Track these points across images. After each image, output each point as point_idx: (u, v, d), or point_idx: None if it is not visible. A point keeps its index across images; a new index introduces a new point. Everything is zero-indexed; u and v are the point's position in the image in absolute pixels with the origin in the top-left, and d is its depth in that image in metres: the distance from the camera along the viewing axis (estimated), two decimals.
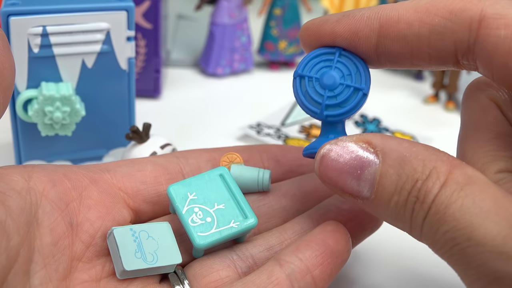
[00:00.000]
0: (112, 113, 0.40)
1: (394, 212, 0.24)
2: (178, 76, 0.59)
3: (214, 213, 0.27)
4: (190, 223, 0.27)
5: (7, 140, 0.44)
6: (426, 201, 0.23)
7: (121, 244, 0.26)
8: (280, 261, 0.26)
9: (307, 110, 0.28)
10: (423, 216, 0.23)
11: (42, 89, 0.36)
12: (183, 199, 0.27)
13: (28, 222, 0.25)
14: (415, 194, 0.23)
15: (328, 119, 0.27)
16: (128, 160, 0.30)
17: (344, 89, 0.27)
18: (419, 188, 0.23)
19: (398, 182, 0.24)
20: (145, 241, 0.27)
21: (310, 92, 0.27)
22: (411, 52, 0.26)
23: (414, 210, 0.23)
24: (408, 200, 0.23)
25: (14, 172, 0.26)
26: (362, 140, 0.25)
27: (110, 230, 0.26)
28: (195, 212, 0.27)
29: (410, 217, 0.24)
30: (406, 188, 0.24)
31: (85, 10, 0.36)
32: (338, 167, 0.25)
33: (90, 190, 0.27)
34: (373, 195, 0.24)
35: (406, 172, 0.24)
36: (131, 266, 0.26)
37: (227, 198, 0.28)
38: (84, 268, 0.26)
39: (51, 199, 0.26)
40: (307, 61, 0.28)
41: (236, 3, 0.58)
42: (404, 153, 0.24)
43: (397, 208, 0.24)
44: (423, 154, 0.24)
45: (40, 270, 0.24)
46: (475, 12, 0.24)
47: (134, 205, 0.29)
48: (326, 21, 0.27)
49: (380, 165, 0.24)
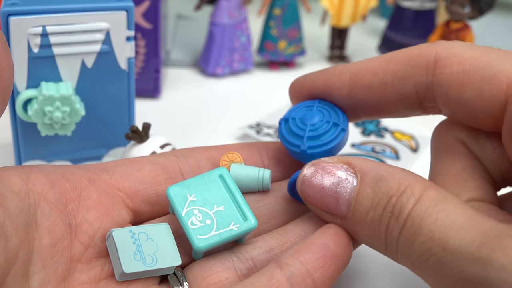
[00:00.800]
0: (111, 113, 0.40)
1: (370, 228, 0.26)
2: (177, 76, 0.59)
3: (213, 215, 0.27)
4: (190, 226, 0.27)
5: (7, 140, 0.44)
6: (401, 215, 0.24)
7: (120, 246, 0.26)
8: (280, 264, 0.26)
9: (290, 145, 0.30)
10: (399, 230, 0.24)
11: (42, 89, 0.37)
12: (182, 200, 0.27)
13: (27, 224, 0.24)
14: (390, 209, 0.25)
15: (309, 151, 0.29)
16: (127, 159, 0.30)
17: (324, 124, 0.30)
18: (393, 203, 0.25)
19: (374, 199, 0.25)
20: (144, 243, 0.27)
21: (293, 129, 0.30)
22: (378, 98, 0.29)
23: (389, 225, 0.25)
24: (383, 215, 0.25)
25: (13, 173, 0.26)
26: (342, 161, 0.27)
27: (109, 231, 0.26)
28: (194, 214, 0.27)
29: (385, 232, 0.25)
30: (381, 204, 0.25)
31: (84, 10, 0.36)
32: (319, 187, 0.27)
33: (89, 191, 0.27)
34: (351, 213, 0.26)
35: (381, 190, 0.25)
36: (130, 268, 0.26)
37: (227, 200, 0.28)
38: (83, 269, 0.26)
39: (49, 200, 0.26)
40: (291, 111, 0.31)
41: (235, 3, 0.58)
42: (381, 173, 0.26)
43: (373, 224, 0.25)
44: (399, 174, 0.26)
45: (39, 271, 0.24)
46: (430, 55, 0.27)
47: (133, 205, 0.29)
48: (307, 77, 0.31)
49: (358, 184, 0.26)
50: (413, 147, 0.48)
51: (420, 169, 0.45)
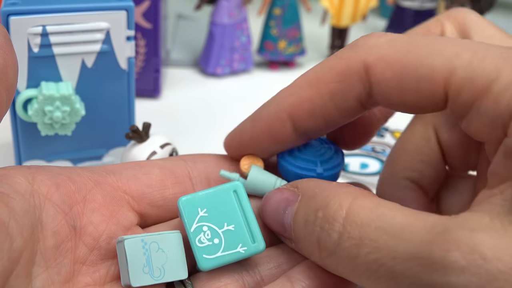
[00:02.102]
0: (112, 112, 0.40)
1: (306, 246, 0.25)
2: (178, 76, 0.59)
3: (222, 234, 0.27)
4: (197, 244, 0.27)
5: (7, 139, 0.44)
6: (332, 228, 0.23)
7: (130, 258, 0.26)
8: (291, 279, 0.26)
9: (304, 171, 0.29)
10: (334, 244, 0.23)
11: (42, 88, 0.37)
12: (193, 214, 0.27)
13: (32, 225, 0.24)
14: (318, 224, 0.24)
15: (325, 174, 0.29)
16: (134, 162, 0.30)
17: (327, 149, 0.30)
18: (320, 217, 0.24)
19: (305, 216, 0.25)
20: (155, 254, 0.26)
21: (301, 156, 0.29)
22: (325, 122, 0.27)
23: (321, 240, 0.24)
24: (313, 231, 0.24)
25: (18, 174, 0.26)
26: (293, 185, 0.27)
27: (121, 237, 0.26)
28: (203, 231, 0.27)
29: (319, 248, 0.24)
30: (310, 220, 0.25)
31: (85, 10, 0.36)
32: (271, 211, 0.27)
33: (94, 193, 0.27)
34: (293, 233, 0.26)
35: (311, 206, 0.25)
36: (138, 282, 0.26)
37: (238, 218, 0.27)
38: (88, 271, 0.26)
39: (54, 202, 0.26)
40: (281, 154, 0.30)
41: (235, 3, 0.58)
42: (315, 190, 0.25)
43: (307, 242, 0.25)
44: (331, 190, 0.25)
45: (42, 272, 0.24)
46: (358, 65, 0.25)
47: (139, 209, 0.29)
48: (243, 131, 0.29)
49: (297, 204, 0.26)
50: None
51: None
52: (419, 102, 0.25)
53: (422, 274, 0.21)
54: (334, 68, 0.26)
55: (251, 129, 0.29)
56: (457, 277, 0.20)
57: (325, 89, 0.26)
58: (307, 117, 0.27)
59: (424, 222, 0.21)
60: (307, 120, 0.27)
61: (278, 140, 0.29)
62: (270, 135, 0.28)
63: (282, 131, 0.28)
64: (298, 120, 0.27)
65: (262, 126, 0.28)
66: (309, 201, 0.25)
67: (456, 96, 0.23)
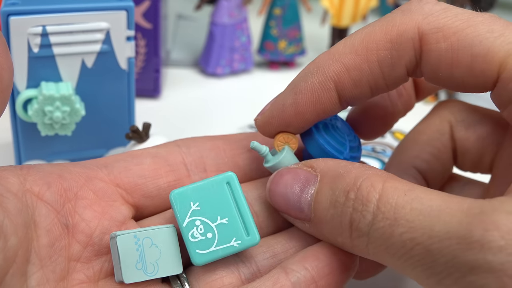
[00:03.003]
0: (112, 112, 0.40)
1: (332, 227, 0.25)
2: (178, 76, 0.59)
3: (215, 228, 0.27)
4: (190, 239, 0.26)
5: (7, 140, 0.44)
6: (366, 209, 0.23)
7: (122, 254, 0.26)
8: (286, 269, 0.26)
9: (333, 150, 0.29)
10: (368, 224, 0.23)
11: (42, 88, 0.37)
12: (185, 208, 0.27)
13: (26, 224, 0.24)
14: (350, 205, 0.24)
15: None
16: (127, 153, 0.30)
17: (356, 138, 0.30)
18: (353, 198, 0.24)
19: (331, 197, 0.25)
20: (148, 249, 0.26)
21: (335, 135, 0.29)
22: (371, 90, 0.27)
23: (354, 220, 0.24)
24: (343, 212, 0.24)
25: (10, 174, 0.26)
26: (306, 165, 0.26)
27: (113, 233, 0.26)
28: (196, 225, 0.27)
29: (350, 228, 0.24)
30: (339, 200, 0.24)
31: (85, 10, 0.36)
32: (284, 194, 0.26)
33: (86, 190, 0.27)
34: (313, 214, 0.25)
35: (339, 187, 0.24)
36: (130, 279, 0.26)
37: (231, 211, 0.27)
38: (82, 268, 0.26)
39: (46, 201, 0.26)
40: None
41: (236, 3, 0.58)
42: (339, 171, 0.25)
43: (334, 222, 0.25)
44: (357, 170, 0.25)
45: (37, 271, 0.24)
46: (413, 32, 0.25)
47: (133, 201, 0.28)
48: (283, 107, 0.28)
49: (317, 184, 0.25)
50: None
51: None
52: (468, 79, 0.24)
53: (459, 252, 0.21)
54: (385, 34, 0.25)
55: (294, 103, 0.27)
56: (494, 256, 0.20)
57: (374, 56, 0.26)
58: (353, 86, 0.26)
59: (460, 205, 0.22)
60: (353, 88, 0.27)
61: (324, 111, 0.27)
62: (316, 107, 0.27)
63: (329, 101, 0.27)
64: (344, 89, 0.27)
65: (308, 98, 0.27)
66: (335, 181, 0.25)
67: (508, 80, 0.23)
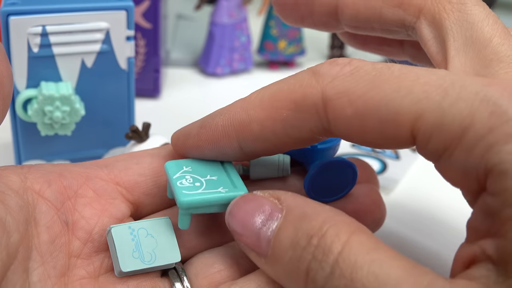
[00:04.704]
0: (111, 112, 0.40)
1: (289, 270, 0.23)
2: (177, 76, 0.59)
3: (204, 181, 0.27)
4: (178, 185, 0.26)
5: (7, 140, 0.44)
6: (325, 260, 0.21)
7: (118, 244, 0.26)
8: None
9: None
10: (324, 278, 0.21)
11: (42, 88, 0.37)
12: (177, 169, 0.27)
13: (27, 221, 0.25)
14: (311, 251, 0.22)
15: (319, 146, 0.29)
16: (127, 154, 0.30)
17: None
18: (315, 245, 0.22)
19: (294, 237, 0.22)
20: (144, 239, 0.27)
21: None
22: (275, 145, 0.25)
23: (311, 270, 0.22)
24: (303, 257, 0.22)
25: (11, 173, 0.26)
26: (273, 195, 0.25)
27: (108, 227, 0.26)
28: (185, 178, 0.27)
29: (306, 277, 0.22)
30: (301, 243, 0.22)
31: (84, 10, 0.36)
32: (243, 222, 0.25)
33: (86, 188, 0.28)
34: (270, 251, 0.23)
35: (303, 228, 0.22)
36: (128, 267, 0.26)
37: (222, 174, 0.27)
38: (82, 264, 0.26)
39: (47, 199, 0.26)
40: None
41: (235, 3, 0.58)
42: (307, 210, 0.23)
43: (291, 265, 0.22)
44: (326, 213, 0.23)
45: (38, 267, 0.25)
46: (317, 97, 0.23)
47: (133, 199, 0.29)
48: (189, 135, 0.28)
49: (281, 220, 0.23)
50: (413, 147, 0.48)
51: (420, 169, 0.46)
52: (381, 142, 0.23)
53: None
54: (289, 94, 0.24)
55: (197, 136, 0.27)
56: None
57: (278, 115, 0.24)
58: (254, 140, 0.25)
59: (420, 280, 0.20)
60: (254, 142, 0.25)
61: (223, 154, 0.27)
62: (215, 147, 0.27)
63: (228, 147, 0.26)
64: (245, 141, 0.26)
65: (208, 137, 0.27)
66: (300, 221, 0.23)
67: (424, 142, 0.21)
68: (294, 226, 0.23)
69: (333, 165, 0.29)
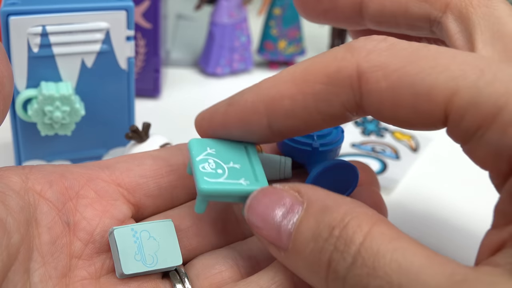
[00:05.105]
0: (111, 112, 0.40)
1: (310, 262, 0.23)
2: (177, 76, 0.59)
3: (227, 168, 0.26)
4: (200, 169, 0.26)
5: (7, 140, 0.44)
6: (347, 250, 0.21)
7: (121, 246, 0.26)
8: None
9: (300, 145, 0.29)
10: (346, 267, 0.21)
11: (42, 88, 0.37)
12: (201, 150, 0.26)
13: (27, 221, 0.25)
14: (332, 242, 0.22)
15: (321, 148, 0.29)
16: (128, 155, 0.30)
17: None
18: (336, 236, 0.22)
19: (315, 229, 0.22)
20: (146, 241, 0.27)
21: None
22: (305, 123, 0.25)
23: (333, 260, 0.22)
24: (324, 248, 0.22)
25: (12, 173, 0.26)
26: (293, 188, 0.24)
27: (111, 229, 0.26)
28: (208, 162, 0.26)
29: (327, 268, 0.22)
30: (322, 235, 0.22)
31: (84, 10, 0.36)
32: (263, 215, 0.24)
33: (87, 189, 0.28)
34: (291, 244, 0.23)
35: (324, 220, 0.22)
36: (130, 269, 0.26)
37: (245, 162, 0.27)
38: (83, 265, 0.26)
39: (48, 199, 0.26)
40: None
41: (235, 3, 0.58)
42: (328, 203, 0.23)
43: (312, 257, 0.22)
44: (347, 205, 0.23)
45: (39, 268, 0.25)
46: (352, 70, 0.23)
47: (135, 200, 0.29)
48: (215, 113, 0.27)
49: (302, 213, 0.23)
50: (413, 147, 0.48)
51: (420, 169, 0.46)
52: (414, 120, 0.23)
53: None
54: (323, 69, 0.24)
55: (224, 114, 0.27)
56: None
57: (310, 89, 0.24)
58: (284, 116, 0.25)
59: (444, 268, 0.20)
60: (284, 118, 0.25)
61: (250, 132, 0.26)
62: (243, 125, 0.26)
63: (256, 124, 0.26)
64: (275, 117, 0.25)
65: (236, 114, 0.26)
66: (321, 213, 0.23)
67: (457, 120, 0.21)
68: (315, 218, 0.23)
69: (335, 167, 0.29)
